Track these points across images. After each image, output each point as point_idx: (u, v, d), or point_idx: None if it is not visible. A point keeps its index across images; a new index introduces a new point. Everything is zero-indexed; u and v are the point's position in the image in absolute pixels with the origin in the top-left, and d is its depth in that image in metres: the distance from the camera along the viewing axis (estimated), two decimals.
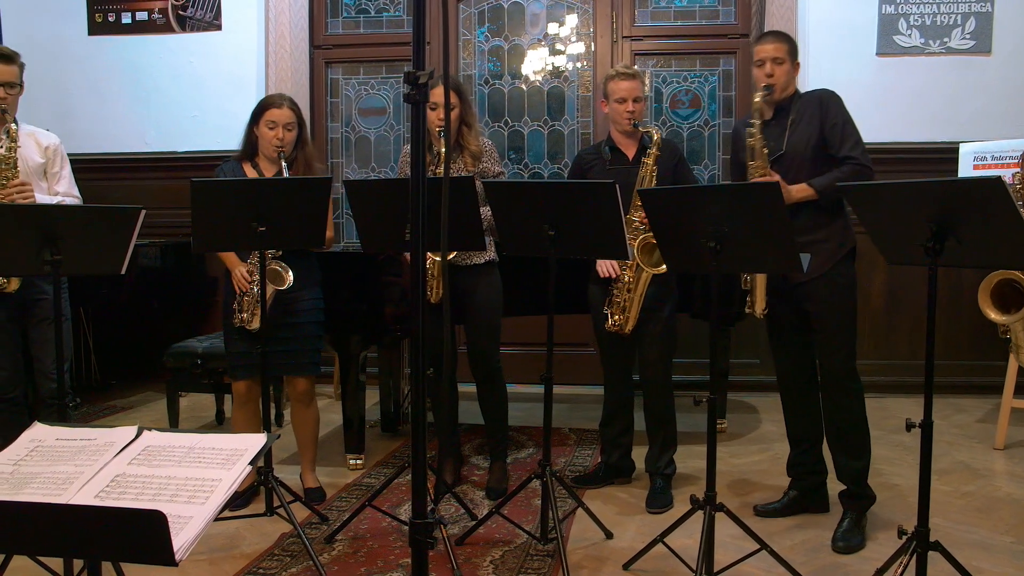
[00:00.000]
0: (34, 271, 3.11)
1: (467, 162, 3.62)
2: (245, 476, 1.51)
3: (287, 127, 3.47)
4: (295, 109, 3.53)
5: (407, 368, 4.99)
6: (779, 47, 3.30)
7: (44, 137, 3.66)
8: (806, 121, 3.26)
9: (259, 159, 3.56)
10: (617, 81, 3.59)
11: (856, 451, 3.27)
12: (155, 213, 3.36)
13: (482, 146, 3.66)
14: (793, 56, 3.33)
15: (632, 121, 3.56)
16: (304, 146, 3.59)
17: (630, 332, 3.55)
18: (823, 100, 3.28)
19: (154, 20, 5.84)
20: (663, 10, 5.76)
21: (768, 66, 3.30)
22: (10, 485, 1.47)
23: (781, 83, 3.29)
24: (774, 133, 3.29)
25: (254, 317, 3.42)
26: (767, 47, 3.32)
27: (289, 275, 3.39)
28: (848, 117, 3.25)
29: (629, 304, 3.52)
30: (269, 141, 3.47)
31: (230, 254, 3.49)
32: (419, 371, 1.57)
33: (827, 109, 3.25)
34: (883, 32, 5.31)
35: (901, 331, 5.37)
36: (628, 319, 3.53)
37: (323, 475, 3.83)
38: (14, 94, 3.50)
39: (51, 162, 3.66)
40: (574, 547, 3.19)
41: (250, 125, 3.55)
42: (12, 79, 3.48)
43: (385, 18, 5.97)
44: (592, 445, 4.43)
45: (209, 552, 3.14)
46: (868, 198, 2.64)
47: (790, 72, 3.32)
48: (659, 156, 3.50)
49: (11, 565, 2.69)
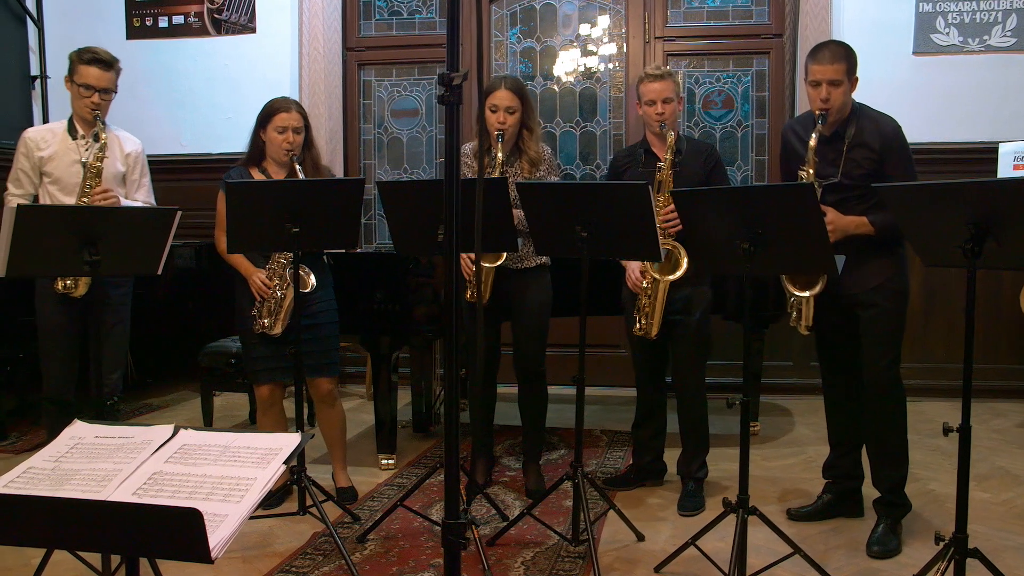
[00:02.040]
0: (74, 271, 3.17)
1: (524, 167, 3.61)
2: (279, 475, 1.52)
3: (296, 130, 3.48)
4: (302, 112, 3.55)
5: (439, 369, 5.00)
6: (838, 68, 3.06)
7: (128, 143, 3.71)
8: (864, 151, 3.10)
9: (267, 163, 3.57)
10: (646, 83, 3.55)
11: (895, 460, 3.22)
12: (190, 214, 3.39)
13: (541, 153, 3.64)
14: (852, 73, 3.12)
15: (660, 123, 3.54)
16: (311, 147, 3.60)
17: (656, 336, 3.54)
18: (886, 137, 3.09)
19: (190, 24, 5.92)
20: (696, 10, 5.73)
21: (824, 89, 3.07)
22: (51, 481, 1.50)
23: (837, 107, 3.09)
24: (828, 156, 3.14)
25: (277, 322, 3.44)
26: (824, 68, 3.08)
27: (311, 278, 3.42)
28: (910, 156, 3.11)
29: (651, 310, 3.50)
30: (279, 145, 3.47)
31: (243, 260, 3.50)
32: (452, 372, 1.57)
33: (890, 148, 3.08)
34: (920, 31, 5.24)
35: (938, 334, 5.29)
36: (652, 325, 3.51)
37: (355, 475, 3.86)
38: (108, 99, 3.58)
39: (131, 169, 3.71)
40: (605, 549, 3.18)
41: (256, 130, 3.55)
42: (109, 85, 3.56)
43: (417, 20, 5.99)
44: (624, 447, 4.41)
45: (243, 550, 3.17)
46: (905, 199, 2.60)
47: (847, 92, 3.11)
48: (675, 160, 3.47)
49: (51, 559, 2.73)
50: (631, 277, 3.55)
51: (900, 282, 3.19)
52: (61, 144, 3.57)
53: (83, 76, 3.52)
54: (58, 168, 3.55)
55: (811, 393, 5.35)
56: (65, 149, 3.57)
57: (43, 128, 3.67)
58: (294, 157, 3.44)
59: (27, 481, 1.50)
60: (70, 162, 3.55)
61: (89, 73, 3.51)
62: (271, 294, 3.44)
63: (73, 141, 3.58)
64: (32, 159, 3.55)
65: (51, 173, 3.56)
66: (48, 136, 3.59)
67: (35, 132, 3.62)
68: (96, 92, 3.51)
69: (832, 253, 2.70)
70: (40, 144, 3.56)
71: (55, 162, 3.56)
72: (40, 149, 3.56)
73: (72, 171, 3.54)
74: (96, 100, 3.52)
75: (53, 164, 3.56)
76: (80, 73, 3.52)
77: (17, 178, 3.58)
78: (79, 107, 3.56)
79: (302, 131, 3.51)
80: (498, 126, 3.50)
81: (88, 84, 3.51)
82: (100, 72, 3.52)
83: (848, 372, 3.34)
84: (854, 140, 3.13)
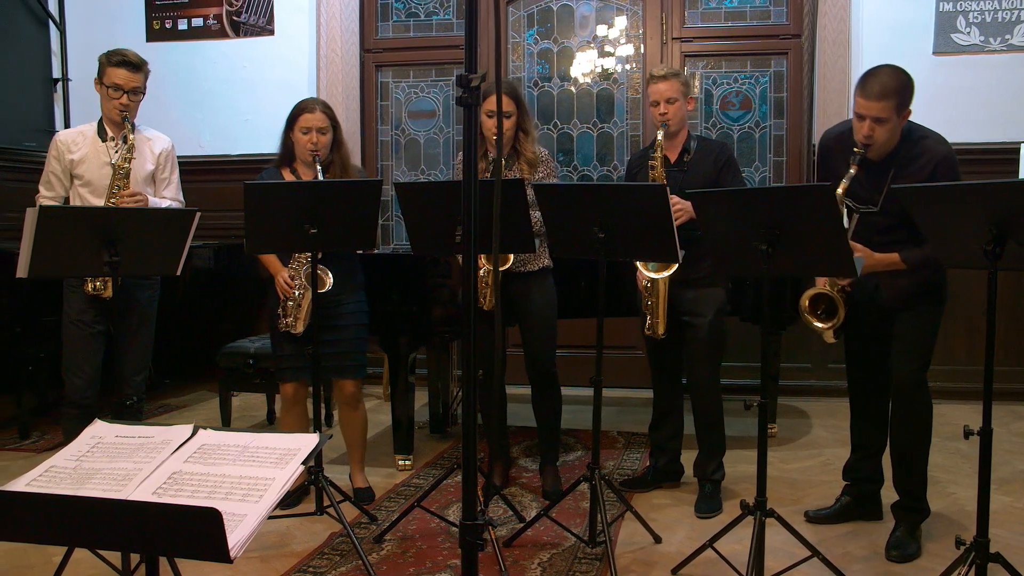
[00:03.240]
0: (94, 272, 3.18)
1: (523, 169, 3.61)
2: (297, 476, 1.53)
3: (320, 131, 3.49)
4: (328, 112, 3.55)
5: (456, 370, 5.01)
6: (885, 106, 2.87)
7: (158, 143, 3.72)
8: (910, 181, 2.87)
9: (297, 164, 3.59)
10: (652, 84, 3.56)
11: (917, 467, 3.18)
12: (208, 215, 3.41)
13: (538, 155, 3.64)
14: (903, 108, 2.91)
15: (663, 122, 3.53)
16: (340, 148, 3.60)
17: (663, 335, 3.53)
18: (938, 169, 2.92)
19: (209, 26, 5.95)
20: (713, 11, 5.71)
21: (867, 125, 2.90)
22: (73, 480, 1.51)
23: (880, 144, 2.94)
24: (868, 186, 3.02)
25: (298, 321, 3.45)
26: (870, 104, 2.88)
27: (329, 278, 3.42)
28: None
29: (655, 309, 3.50)
30: (304, 146, 3.49)
31: (273, 259, 3.53)
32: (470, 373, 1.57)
33: (941, 179, 2.90)
34: (940, 30, 5.20)
35: (958, 336, 5.25)
36: (658, 323, 3.51)
37: (372, 475, 3.86)
38: (137, 100, 3.59)
39: (161, 167, 3.71)
40: (622, 551, 3.17)
41: (285, 131, 3.58)
42: (138, 86, 3.56)
43: (435, 21, 6.01)
44: (640, 448, 4.40)
45: (260, 549, 3.19)
46: (926, 200, 2.58)
47: (895, 128, 2.93)
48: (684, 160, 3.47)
49: (72, 557, 2.76)
50: (640, 279, 3.56)
51: (939, 291, 3.13)
52: (91, 147, 3.59)
53: (111, 77, 3.52)
54: (88, 170, 3.56)
55: (829, 395, 5.32)
56: (95, 151, 3.58)
57: (74, 131, 3.68)
58: (316, 158, 3.45)
59: (49, 480, 1.51)
60: (100, 164, 3.56)
61: (117, 74, 3.52)
62: (292, 293, 3.45)
63: (103, 143, 3.59)
64: (63, 162, 3.56)
65: (82, 176, 3.57)
66: (79, 139, 3.61)
67: (66, 135, 3.64)
68: (124, 93, 3.52)
69: (851, 256, 2.68)
70: (71, 147, 3.58)
71: (85, 164, 3.57)
72: (71, 152, 3.57)
73: (102, 173, 3.55)
74: (124, 101, 3.52)
75: (84, 167, 3.57)
76: (108, 75, 3.53)
77: (48, 181, 3.59)
78: (108, 109, 3.57)
79: (328, 131, 3.52)
80: (493, 130, 3.50)
81: (116, 85, 3.51)
82: (128, 73, 3.52)
83: (875, 375, 3.29)
84: (899, 172, 2.97)
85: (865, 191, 3.04)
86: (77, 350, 3.54)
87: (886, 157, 3.00)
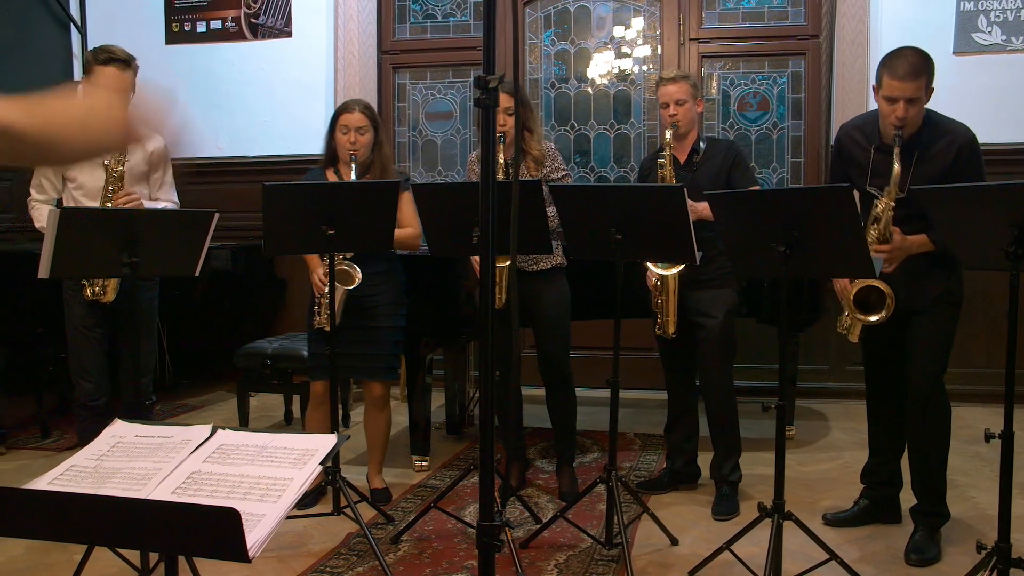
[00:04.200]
0: (114, 273, 3.18)
1: (530, 167, 3.62)
2: (315, 476, 1.53)
3: (359, 130, 3.51)
4: (367, 112, 3.57)
5: (473, 371, 5.01)
6: (918, 85, 2.88)
7: (150, 141, 3.59)
8: (934, 164, 2.95)
9: (340, 165, 3.61)
10: (661, 86, 3.58)
11: (935, 473, 3.15)
12: (226, 216, 3.42)
13: (545, 150, 3.65)
14: (929, 86, 2.94)
15: (672, 124, 3.53)
16: (381, 148, 3.62)
17: (674, 334, 3.53)
18: (962, 152, 2.94)
19: (227, 28, 5.99)
20: (731, 12, 5.69)
21: (901, 107, 2.89)
22: (93, 479, 1.52)
23: (914, 123, 2.95)
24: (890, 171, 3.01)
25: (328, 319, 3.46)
26: (904, 85, 2.88)
27: (358, 274, 3.42)
28: (982, 171, 2.96)
29: (665, 308, 3.50)
30: (343, 146, 3.52)
31: (313, 256, 3.54)
32: (488, 374, 1.57)
33: (965, 164, 2.93)
34: (961, 30, 5.15)
35: (977, 338, 5.20)
36: (668, 322, 3.51)
37: (389, 476, 3.87)
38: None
39: (154, 167, 3.64)
40: (639, 553, 3.17)
41: (329, 132, 3.62)
42: (128, 85, 3.42)
43: (451, 23, 6.02)
44: (657, 450, 4.39)
45: (278, 549, 3.20)
46: (946, 201, 2.56)
47: (923, 106, 2.96)
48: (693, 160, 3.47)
49: (92, 555, 2.78)
50: (650, 278, 3.56)
51: (957, 294, 3.11)
52: None
53: (101, 77, 3.38)
54: (82, 173, 3.49)
55: (847, 397, 5.29)
56: None
57: None
58: (353, 157, 3.47)
59: (70, 479, 1.53)
60: (92, 167, 3.48)
61: (106, 74, 3.38)
62: (325, 290, 3.45)
63: None
64: None
65: (75, 179, 3.50)
66: None
67: None
68: None
69: (870, 257, 2.67)
70: None
71: (78, 167, 3.48)
72: None
73: (96, 175, 3.48)
74: None
75: (77, 169, 3.48)
76: (97, 74, 3.39)
77: (40, 184, 3.54)
78: None
79: (367, 131, 3.54)
80: (499, 129, 3.50)
81: None
82: (118, 72, 3.40)
83: (893, 378, 3.26)
84: (923, 155, 2.98)
85: (883, 175, 3.01)
86: (83, 354, 3.52)
87: (909, 141, 2.98)
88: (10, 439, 4.58)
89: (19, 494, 1.36)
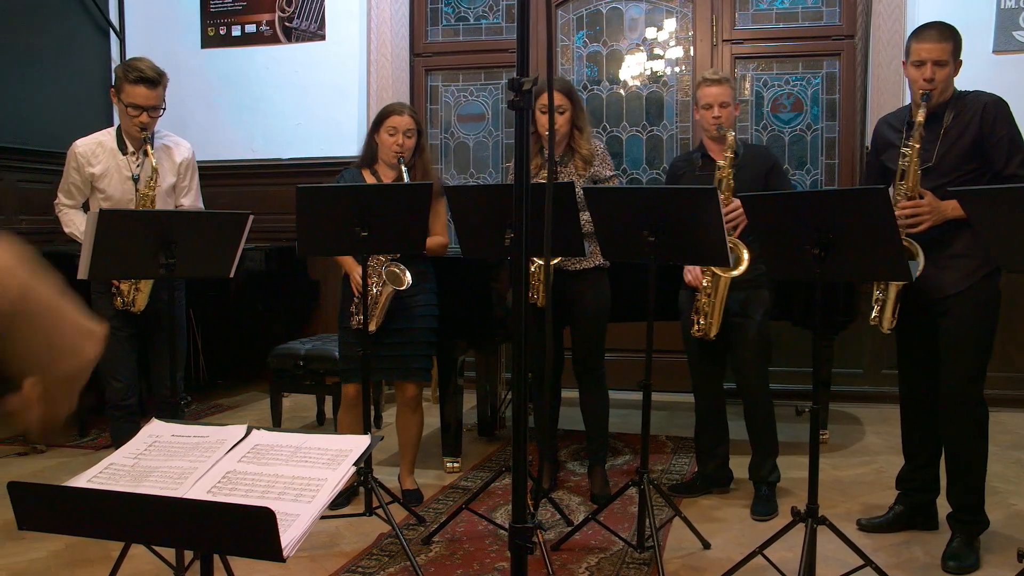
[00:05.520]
0: (151, 274, 3.22)
1: (578, 166, 3.62)
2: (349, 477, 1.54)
3: (407, 133, 3.54)
4: (415, 117, 3.60)
5: (505, 372, 5.02)
6: (945, 47, 2.97)
7: (179, 152, 3.65)
8: (962, 130, 2.99)
9: (378, 165, 3.63)
10: (704, 87, 3.55)
11: (973, 482, 3.09)
12: (260, 218, 3.45)
13: (593, 149, 3.65)
14: (957, 55, 3.02)
15: (717, 126, 3.51)
16: (423, 153, 3.66)
17: (715, 337, 3.51)
18: (987, 109, 2.96)
19: (262, 32, 6.05)
20: (764, 12, 5.65)
21: (928, 69, 2.97)
22: (131, 478, 1.54)
23: (942, 87, 3.00)
24: (924, 141, 3.02)
25: (372, 319, 3.47)
26: (930, 47, 2.98)
27: (407, 276, 3.44)
28: (1016, 130, 2.97)
29: (711, 309, 3.47)
30: (389, 147, 3.54)
31: (346, 257, 3.56)
32: (521, 376, 1.57)
33: (992, 120, 2.95)
34: (1001, 28, 5.07)
35: (1018, 342, 5.12)
36: (712, 324, 3.49)
37: (420, 477, 3.88)
38: (157, 116, 3.51)
39: (181, 177, 3.66)
40: (670, 556, 3.15)
41: (371, 132, 3.64)
42: (157, 103, 3.47)
43: (483, 25, 6.03)
44: (689, 453, 4.36)
45: (310, 549, 3.22)
46: (986, 203, 2.52)
47: (951, 75, 3.02)
48: (735, 159, 3.43)
49: (129, 552, 2.82)
50: (688, 273, 3.52)
51: (985, 292, 3.03)
52: (111, 160, 3.53)
53: (130, 96, 3.42)
54: (110, 185, 3.52)
55: (881, 401, 5.22)
56: (116, 165, 3.52)
57: (91, 141, 3.56)
58: (401, 159, 3.50)
59: (108, 477, 1.55)
60: (122, 179, 3.52)
61: (136, 93, 3.42)
62: (369, 291, 3.45)
63: (123, 156, 3.53)
64: (83, 174, 3.52)
65: (104, 190, 3.53)
66: (98, 150, 3.54)
67: (84, 146, 3.54)
68: (144, 111, 3.43)
69: (905, 259, 2.63)
70: (91, 160, 3.52)
71: (107, 179, 3.52)
72: (91, 165, 3.51)
73: (125, 188, 3.51)
74: (144, 120, 3.43)
75: (105, 181, 3.52)
76: (127, 92, 3.43)
77: (68, 190, 3.57)
78: (127, 125, 3.49)
79: (413, 135, 3.57)
80: (544, 128, 3.50)
81: (136, 104, 3.42)
82: (147, 91, 3.42)
83: (927, 380, 3.20)
84: (952, 123, 3.01)
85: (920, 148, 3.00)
86: (112, 355, 3.50)
87: (937, 110, 3.02)
88: (49, 437, 4.66)
89: (60, 491, 1.38)
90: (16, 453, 4.49)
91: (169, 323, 3.30)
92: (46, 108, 5.55)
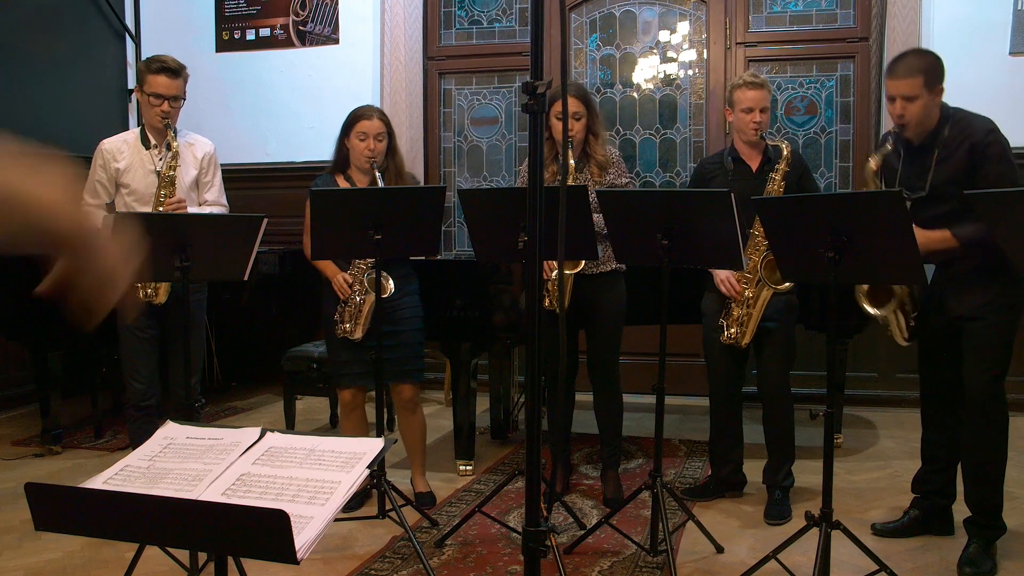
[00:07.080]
0: (166, 276, 3.25)
1: (593, 172, 3.61)
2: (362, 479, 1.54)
3: (377, 137, 3.52)
4: (384, 119, 3.58)
5: (518, 376, 5.02)
6: (912, 83, 2.93)
7: (200, 148, 3.75)
8: (955, 159, 2.96)
9: (351, 171, 3.62)
10: (744, 90, 3.51)
11: (992, 483, 3.06)
12: (275, 221, 3.47)
13: (609, 156, 3.64)
14: (933, 85, 2.96)
15: (758, 132, 3.49)
16: (394, 155, 3.64)
17: (746, 345, 3.50)
18: (979, 142, 2.92)
19: (276, 36, 6.08)
20: (778, 15, 5.63)
21: (898, 104, 2.97)
22: (146, 479, 1.55)
23: (914, 122, 2.98)
24: (916, 170, 3.02)
25: (357, 327, 3.48)
26: (897, 83, 2.96)
27: (390, 283, 3.46)
28: (1010, 165, 2.92)
29: (747, 319, 3.46)
30: (361, 152, 3.53)
31: (330, 264, 3.55)
32: (534, 379, 1.57)
33: (984, 154, 2.91)
34: (1018, 29, 5.03)
35: None
36: (745, 333, 3.48)
37: (433, 480, 3.89)
38: (178, 107, 3.62)
39: (204, 171, 3.75)
40: (684, 560, 3.14)
41: (341, 138, 3.62)
42: (178, 92, 3.59)
43: (497, 28, 6.03)
44: (702, 457, 4.35)
45: (324, 552, 3.23)
46: (1003, 207, 2.50)
47: (928, 104, 2.97)
48: (764, 167, 3.42)
49: (143, 554, 2.83)
50: (725, 284, 3.51)
51: (1011, 295, 3.01)
52: (135, 155, 3.60)
53: (152, 85, 3.54)
54: (135, 179, 3.58)
55: (896, 405, 5.20)
56: (140, 160, 3.60)
57: (117, 139, 3.68)
58: (374, 164, 3.49)
59: (124, 479, 1.55)
60: (145, 173, 3.58)
61: (158, 82, 3.53)
62: (352, 299, 3.49)
63: (147, 151, 3.60)
64: (108, 171, 3.59)
65: (128, 184, 3.58)
66: (123, 147, 3.62)
67: (110, 144, 3.64)
68: (165, 100, 3.53)
69: (921, 263, 2.62)
70: (116, 156, 3.59)
71: (131, 173, 3.59)
72: (116, 161, 3.59)
73: (148, 182, 3.57)
74: (166, 108, 3.53)
75: (130, 176, 3.59)
76: (149, 83, 3.54)
77: (93, 189, 3.61)
78: (150, 116, 3.58)
79: (384, 138, 3.56)
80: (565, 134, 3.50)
81: (157, 93, 3.53)
82: (168, 80, 3.54)
83: (949, 384, 3.18)
84: (943, 152, 2.98)
85: (912, 177, 3.00)
86: (134, 355, 3.59)
87: (927, 139, 3.00)
88: (66, 438, 4.69)
89: (76, 493, 1.39)
90: (33, 454, 4.52)
91: (185, 325, 3.32)
92: (63, 112, 5.59)
